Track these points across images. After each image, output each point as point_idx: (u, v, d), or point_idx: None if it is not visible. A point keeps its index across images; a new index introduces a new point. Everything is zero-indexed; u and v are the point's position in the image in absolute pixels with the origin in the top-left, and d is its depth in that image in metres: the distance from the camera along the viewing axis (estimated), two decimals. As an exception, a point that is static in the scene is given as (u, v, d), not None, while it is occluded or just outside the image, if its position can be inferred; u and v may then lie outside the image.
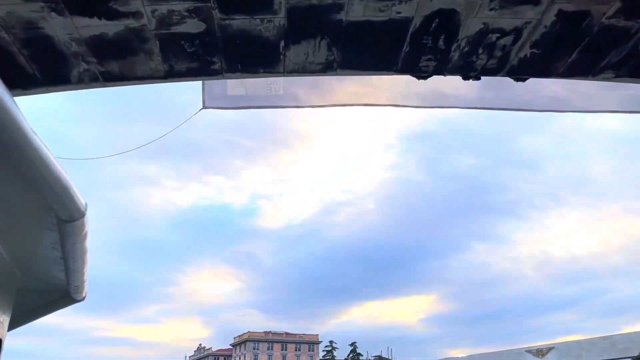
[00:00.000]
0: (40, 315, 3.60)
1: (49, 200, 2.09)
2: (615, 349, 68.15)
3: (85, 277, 2.89)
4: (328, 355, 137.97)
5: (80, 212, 2.20)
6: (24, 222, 2.42)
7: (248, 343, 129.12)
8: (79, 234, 2.32)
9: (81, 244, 2.42)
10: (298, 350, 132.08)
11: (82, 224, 2.28)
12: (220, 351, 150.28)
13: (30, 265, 2.90)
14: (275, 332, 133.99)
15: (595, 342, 71.94)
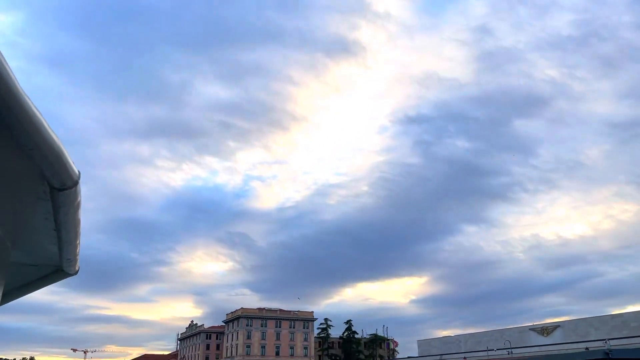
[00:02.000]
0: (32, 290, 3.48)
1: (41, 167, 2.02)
2: (627, 327, 65.67)
3: (78, 249, 2.74)
4: (323, 332, 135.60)
5: (73, 180, 2.12)
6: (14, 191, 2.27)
7: (241, 320, 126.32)
8: (72, 203, 2.24)
9: (74, 214, 2.33)
10: (292, 328, 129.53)
11: (75, 193, 2.20)
12: (212, 328, 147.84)
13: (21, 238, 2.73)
14: (269, 308, 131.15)
15: (605, 320, 69.44)
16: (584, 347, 62.20)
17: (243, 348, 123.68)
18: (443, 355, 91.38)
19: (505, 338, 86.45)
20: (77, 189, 2.27)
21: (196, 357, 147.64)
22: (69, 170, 2.13)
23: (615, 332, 66.74)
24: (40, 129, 1.90)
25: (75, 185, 2.22)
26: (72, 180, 2.17)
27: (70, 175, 2.15)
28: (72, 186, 2.19)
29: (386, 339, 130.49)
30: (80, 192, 2.33)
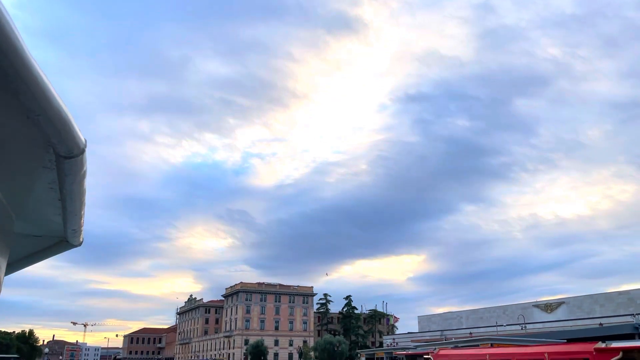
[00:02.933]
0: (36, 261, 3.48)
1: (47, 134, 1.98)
2: (634, 304, 64.70)
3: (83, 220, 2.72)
4: (322, 308, 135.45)
5: (79, 149, 2.10)
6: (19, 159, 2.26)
7: (240, 294, 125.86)
8: (78, 172, 2.23)
9: (80, 184, 2.32)
10: (292, 303, 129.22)
11: (82, 161, 2.18)
12: (211, 302, 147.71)
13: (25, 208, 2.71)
14: (268, 283, 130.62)
15: (611, 297, 68.48)
16: (590, 323, 61.28)
17: (242, 322, 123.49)
18: (444, 331, 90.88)
19: (508, 314, 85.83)
20: (83, 158, 2.21)
21: (195, 331, 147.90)
22: (75, 138, 2.05)
23: (621, 309, 65.85)
24: (47, 94, 1.82)
25: (82, 154, 2.14)
26: (78, 148, 2.10)
27: (77, 143, 2.09)
28: (78, 154, 2.12)
29: (386, 315, 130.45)
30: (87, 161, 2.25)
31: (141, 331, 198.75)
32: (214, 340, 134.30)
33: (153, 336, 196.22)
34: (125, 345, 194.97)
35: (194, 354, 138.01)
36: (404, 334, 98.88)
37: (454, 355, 19.96)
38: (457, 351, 20.53)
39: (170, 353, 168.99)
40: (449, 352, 20.85)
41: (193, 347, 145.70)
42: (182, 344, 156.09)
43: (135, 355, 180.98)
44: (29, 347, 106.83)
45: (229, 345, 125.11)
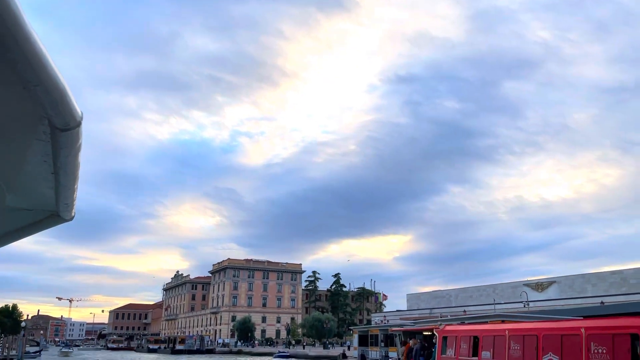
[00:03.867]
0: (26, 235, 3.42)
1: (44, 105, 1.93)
2: (626, 284, 64.21)
3: (76, 194, 2.69)
4: (310, 285, 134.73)
5: (76, 121, 2.04)
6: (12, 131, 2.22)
7: (228, 270, 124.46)
8: (74, 145, 2.18)
9: (74, 157, 2.27)
10: (280, 280, 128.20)
11: (78, 134, 2.13)
12: (198, 278, 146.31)
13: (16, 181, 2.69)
14: (256, 260, 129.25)
15: (603, 277, 68.00)
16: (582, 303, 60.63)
17: (229, 299, 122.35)
18: (433, 309, 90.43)
19: (498, 293, 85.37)
20: (79, 130, 2.11)
21: (181, 307, 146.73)
22: (72, 110, 1.99)
23: (612, 289, 65.38)
24: (46, 64, 1.76)
25: (78, 126, 2.07)
26: (75, 120, 2.03)
27: (73, 115, 2.00)
28: (75, 127, 2.06)
29: (374, 293, 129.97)
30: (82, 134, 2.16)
31: (127, 307, 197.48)
32: (201, 316, 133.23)
33: (139, 312, 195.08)
34: (111, 320, 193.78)
35: (180, 330, 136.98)
36: (393, 312, 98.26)
37: (464, 331, 18.24)
38: (467, 327, 18.86)
39: (156, 329, 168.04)
40: (458, 328, 19.17)
41: (179, 323, 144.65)
42: (168, 320, 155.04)
43: (121, 331, 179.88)
44: (12, 322, 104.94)
45: (215, 321, 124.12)
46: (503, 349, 15.37)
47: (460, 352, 17.85)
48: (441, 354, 19.45)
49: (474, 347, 17.15)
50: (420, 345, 23.06)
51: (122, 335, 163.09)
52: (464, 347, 17.74)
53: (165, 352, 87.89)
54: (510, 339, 15.06)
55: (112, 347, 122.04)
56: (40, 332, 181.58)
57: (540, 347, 13.73)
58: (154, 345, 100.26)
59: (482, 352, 16.52)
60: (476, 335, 17.19)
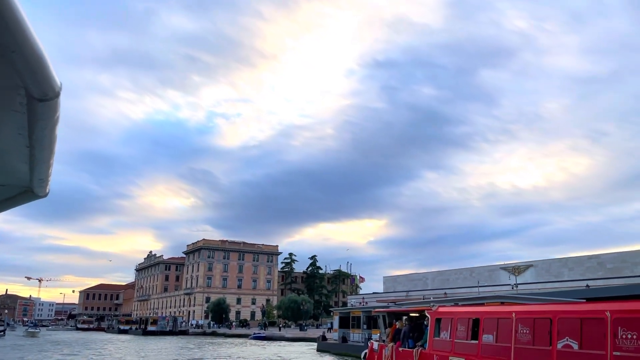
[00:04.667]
0: None
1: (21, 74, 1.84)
2: (603, 268, 64.39)
3: (51, 170, 2.63)
4: (286, 267, 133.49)
5: (54, 92, 1.95)
6: None
7: (202, 251, 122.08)
8: (51, 117, 2.10)
9: (51, 130, 2.19)
10: (256, 261, 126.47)
11: (56, 106, 2.04)
12: (172, 259, 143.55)
13: None
14: (232, 241, 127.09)
15: (581, 261, 68.14)
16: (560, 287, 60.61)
17: (204, 280, 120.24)
18: (410, 292, 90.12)
19: (475, 276, 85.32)
20: (57, 102, 2.01)
21: (154, 287, 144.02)
22: (51, 80, 1.90)
23: (589, 273, 65.58)
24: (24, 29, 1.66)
25: (56, 97, 1.98)
26: (53, 91, 1.94)
27: (52, 85, 1.91)
28: (53, 97, 1.97)
29: (350, 275, 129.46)
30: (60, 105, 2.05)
31: (98, 287, 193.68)
32: (174, 297, 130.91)
33: (110, 292, 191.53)
34: (81, 301, 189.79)
35: (152, 311, 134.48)
36: (369, 294, 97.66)
37: (462, 313, 16.71)
38: (465, 309, 17.34)
39: (128, 310, 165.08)
40: (454, 310, 17.63)
41: (152, 304, 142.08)
42: (140, 301, 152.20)
43: (91, 312, 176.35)
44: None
45: (189, 302, 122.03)
46: (509, 332, 13.91)
47: (457, 335, 16.38)
48: (434, 337, 18.00)
49: (474, 329, 15.69)
50: (409, 327, 21.60)
51: (92, 315, 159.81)
52: (462, 329, 16.27)
53: (137, 333, 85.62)
54: (518, 322, 13.59)
55: (82, 327, 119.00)
56: (4, 311, 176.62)
57: (555, 332, 12.27)
58: (125, 326, 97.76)
59: (483, 335, 15.05)
60: (476, 318, 15.71)
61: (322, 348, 37.43)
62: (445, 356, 16.81)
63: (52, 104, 1.96)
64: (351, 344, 33.60)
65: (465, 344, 15.82)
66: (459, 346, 16.17)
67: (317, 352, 36.91)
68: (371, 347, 25.46)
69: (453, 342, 16.53)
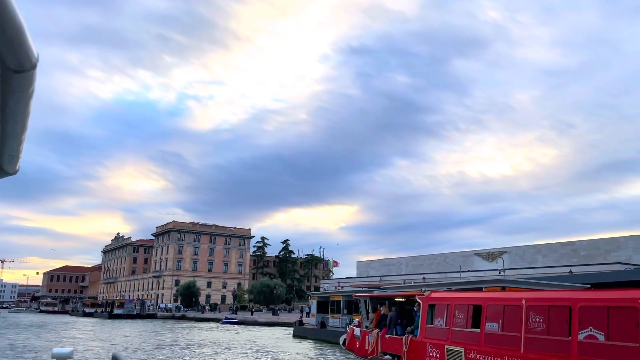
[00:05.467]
0: None
1: None
2: (577, 255, 64.73)
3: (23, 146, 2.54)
4: (259, 251, 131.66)
5: (31, 63, 1.86)
6: None
7: (172, 233, 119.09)
8: (26, 89, 1.99)
9: (25, 103, 2.09)
10: (228, 244, 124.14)
11: (32, 78, 1.94)
12: (140, 241, 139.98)
13: None
14: (203, 223, 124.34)
15: (554, 248, 68.37)
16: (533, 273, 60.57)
17: (173, 262, 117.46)
18: (383, 277, 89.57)
19: (449, 262, 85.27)
20: (34, 74, 1.90)
21: (121, 270, 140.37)
22: (28, 50, 1.80)
23: (563, 260, 65.88)
24: None
25: (33, 69, 1.88)
26: (30, 62, 1.84)
27: (29, 55, 1.81)
28: (29, 69, 1.87)
29: (323, 260, 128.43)
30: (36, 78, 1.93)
31: (63, 269, 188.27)
32: (142, 280, 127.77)
33: (75, 274, 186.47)
34: (45, 283, 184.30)
35: (119, 294, 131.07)
36: (342, 279, 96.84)
37: (461, 298, 15.26)
38: (464, 294, 15.89)
39: (94, 292, 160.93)
40: (450, 295, 16.16)
41: (119, 287, 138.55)
42: (106, 284, 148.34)
43: (56, 294, 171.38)
44: None
45: (157, 285, 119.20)
46: (517, 320, 12.51)
47: (455, 322, 14.96)
48: (426, 324, 16.57)
49: (475, 317, 14.27)
50: (396, 313, 20.15)
51: (56, 298, 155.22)
52: (460, 317, 14.85)
53: (102, 316, 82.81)
54: (529, 310, 12.18)
55: (45, 310, 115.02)
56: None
57: (575, 321, 10.88)
58: (90, 309, 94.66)
59: (486, 324, 13.64)
60: (478, 304, 14.28)
61: (298, 333, 35.95)
62: (440, 344, 15.39)
63: (27, 75, 1.84)
64: (330, 329, 32.20)
65: (465, 332, 14.40)
66: (456, 334, 14.75)
67: (294, 338, 35.43)
68: (351, 333, 24.00)
69: (450, 329, 15.11)
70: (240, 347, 30.10)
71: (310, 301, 40.84)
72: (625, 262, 57.14)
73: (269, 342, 32.69)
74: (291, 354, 26.57)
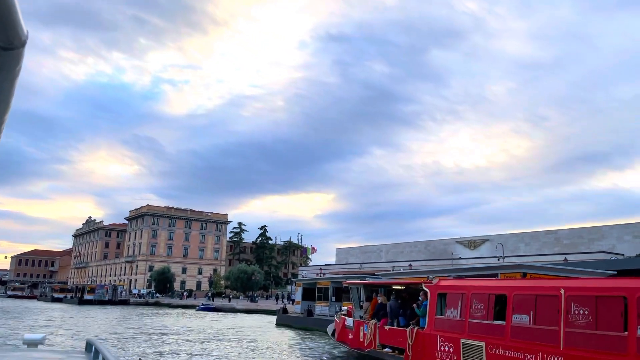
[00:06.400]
0: None
1: None
2: (560, 244, 64.29)
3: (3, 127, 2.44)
4: (235, 237, 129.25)
5: (20, 40, 1.81)
6: None
7: (146, 217, 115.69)
8: (13, 67, 1.93)
9: (12, 82, 2.02)
10: (204, 230, 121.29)
11: (20, 56, 1.88)
12: (113, 225, 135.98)
13: None
14: (178, 208, 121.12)
15: (537, 236, 67.88)
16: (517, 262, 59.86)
17: (147, 247, 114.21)
18: (363, 264, 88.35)
19: (430, 249, 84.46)
20: (22, 52, 1.84)
21: (93, 255, 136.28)
22: (18, 27, 1.74)
23: (546, 248, 65.48)
24: None
25: (22, 46, 1.81)
26: (20, 39, 1.78)
27: (18, 33, 1.75)
28: (18, 47, 1.81)
29: (301, 247, 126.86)
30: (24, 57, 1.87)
31: (32, 253, 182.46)
32: (114, 265, 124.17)
33: (45, 259, 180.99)
34: (13, 267, 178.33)
35: (90, 279, 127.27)
36: (322, 266, 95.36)
37: (480, 287, 13.50)
38: (483, 282, 14.12)
39: (64, 277, 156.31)
40: (465, 284, 14.39)
41: (90, 272, 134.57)
42: (77, 268, 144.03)
43: (24, 278, 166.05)
44: None
45: (130, 270, 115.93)
46: (554, 312, 10.80)
47: (472, 313, 13.20)
48: (435, 315, 14.82)
49: (498, 308, 12.54)
50: (396, 303, 18.38)
51: (25, 282, 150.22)
52: (479, 307, 13.10)
53: (72, 302, 79.61)
54: (570, 301, 10.46)
55: (12, 294, 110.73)
56: None
57: (634, 314, 9.19)
58: (59, 294, 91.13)
59: (513, 315, 11.90)
60: (502, 294, 12.52)
61: (282, 322, 34.02)
62: (454, 338, 13.63)
63: (16, 53, 1.78)
64: (317, 317, 30.37)
65: (485, 325, 12.65)
66: (475, 327, 12.99)
67: (277, 327, 33.48)
68: (342, 323, 22.14)
69: (466, 322, 13.34)
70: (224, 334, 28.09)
71: (296, 288, 38.95)
72: (609, 251, 56.85)
73: (253, 331, 30.72)
74: (281, 345, 24.68)
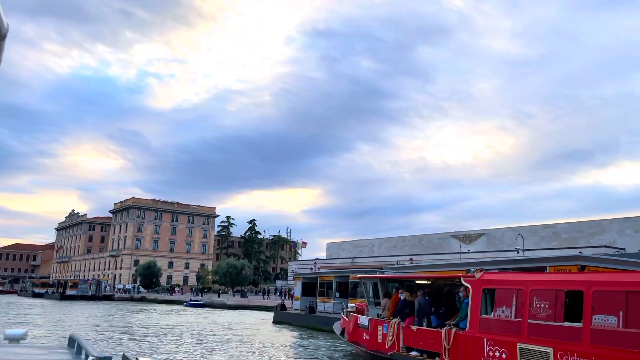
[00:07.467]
0: None
1: None
2: (558, 238, 62.93)
3: None
4: (223, 231, 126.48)
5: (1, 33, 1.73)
6: None
7: (132, 210, 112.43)
8: None
9: None
10: (191, 223, 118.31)
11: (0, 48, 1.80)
12: (97, 219, 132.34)
13: None
14: (165, 201, 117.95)
15: (535, 230, 66.42)
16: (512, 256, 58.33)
17: (132, 241, 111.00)
18: (355, 259, 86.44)
19: (423, 244, 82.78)
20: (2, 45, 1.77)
21: (76, 249, 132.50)
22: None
23: (544, 243, 64.14)
24: None
25: (2, 39, 1.73)
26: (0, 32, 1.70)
27: None
28: None
29: (290, 241, 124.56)
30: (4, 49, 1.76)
31: (12, 247, 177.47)
32: (99, 259, 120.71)
33: (27, 253, 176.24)
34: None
35: (73, 274, 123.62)
36: (312, 260, 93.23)
37: (544, 282, 11.30)
38: (547, 276, 11.92)
39: (46, 272, 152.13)
40: (521, 278, 12.17)
41: (73, 266, 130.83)
42: (60, 263, 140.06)
43: (5, 273, 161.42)
44: None
45: (115, 265, 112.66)
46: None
47: (532, 313, 11.06)
48: (480, 314, 12.66)
49: (570, 307, 10.40)
50: (424, 300, 16.16)
51: (5, 277, 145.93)
52: (543, 306, 10.97)
53: (53, 297, 76.49)
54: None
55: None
56: None
57: None
58: (40, 289, 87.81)
59: (593, 317, 9.77)
60: (576, 290, 10.39)
61: (280, 319, 31.71)
62: (507, 342, 11.47)
63: None
64: (320, 315, 28.14)
65: (553, 327, 10.51)
66: (537, 330, 10.85)
67: (275, 324, 31.18)
68: (354, 321, 19.92)
69: (524, 323, 11.20)
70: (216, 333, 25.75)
71: (295, 282, 36.69)
72: (610, 245, 55.57)
73: (250, 331, 28.38)
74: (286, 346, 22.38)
